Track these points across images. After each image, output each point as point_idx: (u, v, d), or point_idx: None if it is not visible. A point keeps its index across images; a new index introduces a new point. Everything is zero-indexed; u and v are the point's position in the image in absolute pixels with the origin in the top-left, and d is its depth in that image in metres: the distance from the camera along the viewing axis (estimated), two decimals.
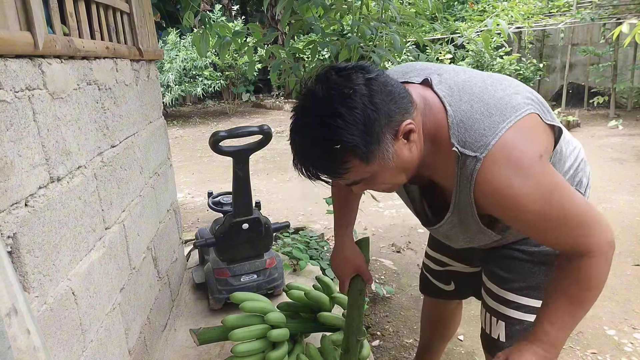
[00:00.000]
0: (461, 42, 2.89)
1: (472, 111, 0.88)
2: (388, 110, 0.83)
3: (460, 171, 0.89)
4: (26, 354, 0.65)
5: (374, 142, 0.82)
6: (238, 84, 10.93)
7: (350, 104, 0.80)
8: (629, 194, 4.06)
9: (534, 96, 0.97)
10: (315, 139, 0.83)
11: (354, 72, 0.84)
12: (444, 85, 0.94)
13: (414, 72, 1.01)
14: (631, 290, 2.51)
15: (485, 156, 0.84)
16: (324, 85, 0.83)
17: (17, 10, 0.84)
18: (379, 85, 0.83)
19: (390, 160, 0.86)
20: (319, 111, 0.82)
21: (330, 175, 0.88)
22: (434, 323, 1.64)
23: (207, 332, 1.41)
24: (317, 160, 0.85)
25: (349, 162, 0.83)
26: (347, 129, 0.79)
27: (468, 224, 1.00)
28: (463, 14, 9.64)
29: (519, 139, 0.86)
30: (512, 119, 0.87)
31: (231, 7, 13.50)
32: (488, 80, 0.96)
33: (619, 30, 3.78)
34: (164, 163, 2.03)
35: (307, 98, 0.85)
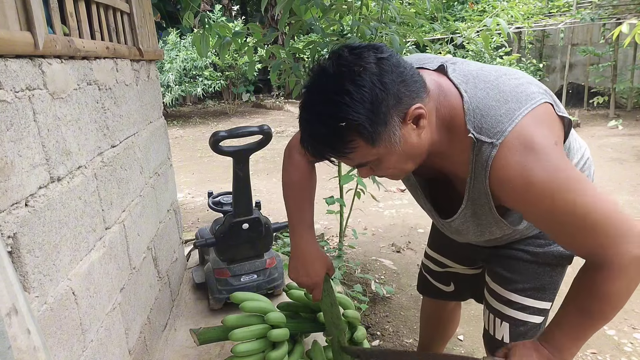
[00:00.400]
0: (461, 42, 2.89)
1: (488, 98, 0.87)
2: (397, 92, 0.81)
3: (475, 158, 0.87)
4: (26, 354, 0.65)
5: (380, 123, 0.80)
6: (238, 84, 10.93)
7: (359, 81, 0.78)
8: (629, 194, 4.06)
9: (545, 88, 0.96)
10: (321, 115, 0.82)
11: (366, 50, 0.82)
12: (459, 72, 0.93)
13: (427, 60, 1.00)
14: None
15: (501, 142, 0.83)
16: (335, 62, 0.82)
17: (17, 10, 0.84)
18: (390, 65, 0.81)
19: (397, 144, 0.84)
20: (327, 88, 0.81)
21: (335, 154, 0.87)
22: (434, 323, 1.64)
23: (207, 332, 1.41)
24: (323, 138, 0.84)
25: (354, 142, 0.82)
26: (353, 106, 0.78)
27: (482, 215, 0.98)
28: (463, 14, 9.64)
29: (535, 126, 0.84)
30: (528, 106, 0.85)
31: (231, 7, 13.51)
32: (501, 70, 0.95)
33: (618, 30, 3.78)
34: (164, 163, 2.03)
35: (318, 74, 0.84)
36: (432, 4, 2.50)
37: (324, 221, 3.58)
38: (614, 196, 3.99)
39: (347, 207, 2.63)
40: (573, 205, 0.80)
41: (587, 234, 0.81)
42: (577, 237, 0.83)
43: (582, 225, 0.80)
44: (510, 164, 0.82)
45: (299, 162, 1.17)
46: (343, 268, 2.50)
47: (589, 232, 0.80)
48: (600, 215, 0.79)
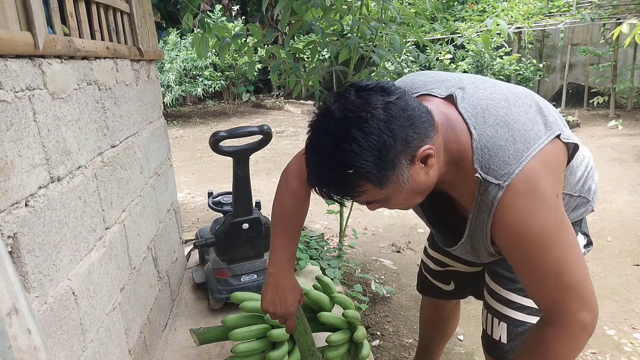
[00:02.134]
0: (461, 42, 2.89)
1: (496, 136, 0.87)
2: (405, 136, 0.80)
3: (480, 197, 0.88)
4: (27, 354, 0.65)
5: (388, 168, 0.80)
6: (238, 84, 10.93)
7: (366, 128, 0.78)
8: (629, 194, 4.06)
9: (553, 113, 0.96)
10: (329, 160, 0.81)
11: (374, 93, 0.82)
12: (468, 103, 0.92)
13: (434, 84, 0.99)
14: (631, 290, 2.52)
15: (508, 185, 0.83)
16: (342, 105, 0.81)
17: (17, 10, 0.84)
18: (398, 109, 0.81)
19: (406, 184, 0.85)
20: (334, 133, 0.80)
21: (343, 196, 0.87)
22: (433, 323, 1.64)
23: (207, 332, 1.41)
24: (330, 182, 0.84)
25: (362, 186, 0.83)
26: (361, 154, 0.78)
27: (479, 248, 1.01)
28: (463, 14, 9.64)
29: (541, 171, 0.85)
30: (536, 147, 0.86)
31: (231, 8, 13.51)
32: (511, 99, 0.94)
33: (618, 30, 3.78)
34: (164, 163, 2.03)
35: (324, 116, 0.83)
36: (432, 4, 2.49)
37: (324, 221, 3.58)
38: (614, 196, 3.99)
39: (347, 207, 2.64)
40: (556, 262, 0.84)
41: (552, 288, 0.86)
42: (547, 289, 0.87)
43: (551, 281, 0.85)
44: (515, 209, 0.84)
45: (296, 189, 1.15)
46: (343, 268, 2.50)
47: (560, 288, 0.85)
48: (575, 280, 0.85)
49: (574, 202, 1.08)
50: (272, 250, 1.18)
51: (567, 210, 1.08)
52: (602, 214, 3.61)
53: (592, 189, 1.10)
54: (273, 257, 1.18)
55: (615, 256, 2.93)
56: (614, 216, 3.56)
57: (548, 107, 0.98)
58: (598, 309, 0.87)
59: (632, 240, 3.14)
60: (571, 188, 1.04)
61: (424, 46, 2.73)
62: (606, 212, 3.66)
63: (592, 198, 1.11)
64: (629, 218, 3.52)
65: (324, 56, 7.64)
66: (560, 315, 0.86)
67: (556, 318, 0.87)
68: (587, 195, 1.09)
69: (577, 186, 1.05)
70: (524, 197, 0.83)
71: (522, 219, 0.83)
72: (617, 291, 2.51)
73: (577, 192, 1.06)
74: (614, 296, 2.46)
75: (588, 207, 1.11)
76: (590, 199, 1.10)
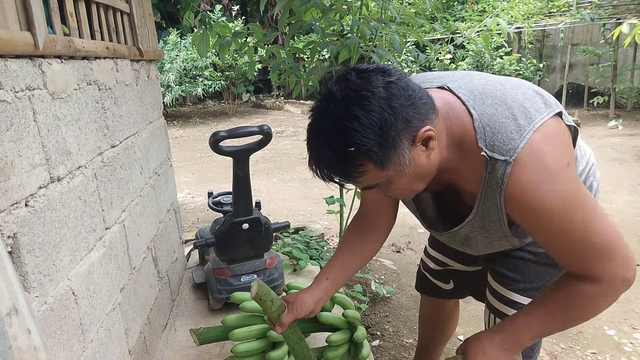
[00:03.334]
0: (461, 42, 2.89)
1: (497, 114, 0.87)
2: (406, 115, 0.81)
3: (489, 175, 0.88)
4: (27, 354, 0.65)
5: (389, 147, 0.80)
6: (238, 84, 10.93)
7: (368, 106, 0.78)
8: (629, 194, 4.06)
9: (550, 97, 0.96)
10: (330, 140, 0.82)
11: (374, 74, 0.83)
12: (464, 88, 0.93)
13: (430, 82, 1.00)
14: (631, 290, 2.50)
15: (515, 159, 0.83)
16: (343, 86, 0.82)
17: (17, 10, 0.84)
18: (399, 89, 0.82)
19: (407, 166, 0.84)
20: (335, 113, 0.81)
21: (344, 178, 0.87)
22: (433, 323, 1.64)
23: (207, 332, 1.41)
24: (332, 163, 0.84)
25: (364, 166, 0.82)
26: (362, 132, 0.78)
27: (491, 229, 0.99)
28: (463, 14, 9.65)
29: (546, 143, 0.85)
30: (538, 121, 0.86)
31: (231, 7, 13.50)
32: (507, 84, 0.95)
33: (618, 30, 3.79)
34: (164, 163, 2.03)
35: (325, 98, 0.84)
36: (432, 4, 2.49)
37: (324, 221, 3.58)
38: (614, 196, 3.99)
39: (347, 207, 2.64)
40: (582, 227, 0.84)
41: (587, 254, 0.86)
42: (579, 255, 0.87)
43: (584, 247, 0.85)
44: (525, 182, 0.83)
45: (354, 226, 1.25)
46: None
47: (589, 254, 0.85)
48: (603, 240, 0.85)
49: None
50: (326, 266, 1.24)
51: None
52: None
53: (593, 186, 1.09)
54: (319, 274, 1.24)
55: None
56: (614, 216, 3.56)
57: (547, 94, 0.97)
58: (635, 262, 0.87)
59: (632, 240, 3.13)
60: None
61: (424, 46, 2.73)
62: (606, 212, 3.66)
63: (595, 196, 1.09)
64: (629, 218, 3.52)
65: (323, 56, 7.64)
66: (598, 275, 0.86)
67: (594, 277, 0.86)
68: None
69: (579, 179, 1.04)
70: (532, 169, 0.83)
71: (535, 192, 0.83)
72: None
73: None
74: None
75: None
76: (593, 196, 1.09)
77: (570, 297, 0.91)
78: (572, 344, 2.07)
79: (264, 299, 1.17)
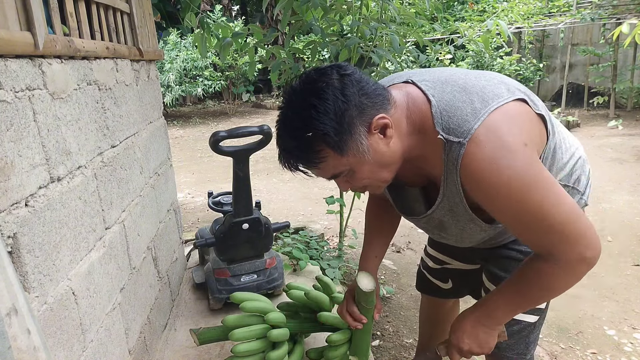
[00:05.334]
0: (461, 42, 2.89)
1: (454, 100, 0.90)
2: (359, 103, 0.86)
3: (447, 157, 0.90)
4: (26, 354, 0.65)
5: (345, 132, 0.86)
6: (238, 84, 10.93)
7: (322, 95, 0.85)
8: (628, 194, 4.06)
9: (520, 87, 0.97)
10: (291, 129, 0.89)
11: (330, 69, 0.89)
12: (428, 81, 0.97)
13: (397, 78, 1.05)
14: (631, 290, 2.52)
15: (469, 140, 0.85)
16: (302, 81, 0.90)
17: (17, 10, 0.84)
18: (352, 80, 0.88)
19: (366, 153, 0.89)
20: (295, 104, 0.89)
21: (306, 164, 0.92)
22: (433, 322, 1.64)
23: (207, 332, 1.41)
24: (294, 150, 0.90)
25: (323, 152, 0.87)
26: (318, 118, 0.84)
27: (458, 212, 1.00)
28: (463, 14, 9.65)
29: (502, 122, 0.85)
30: (494, 104, 0.87)
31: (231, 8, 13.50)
32: (472, 73, 0.98)
33: (619, 30, 3.78)
34: (164, 163, 2.03)
35: (288, 94, 0.92)
36: (432, 4, 2.49)
37: (324, 221, 3.58)
38: (614, 196, 3.99)
39: (347, 207, 2.64)
40: (539, 205, 0.84)
41: (546, 233, 0.86)
42: (537, 234, 0.88)
43: (543, 225, 0.85)
44: (478, 158, 0.84)
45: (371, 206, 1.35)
46: (343, 268, 2.50)
47: (548, 232, 0.85)
48: (563, 219, 0.84)
49: None
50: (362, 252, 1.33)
51: None
52: (602, 214, 3.61)
53: (582, 180, 1.08)
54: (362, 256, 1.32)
55: (615, 256, 2.93)
56: (614, 216, 3.56)
57: (516, 85, 0.97)
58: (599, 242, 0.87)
59: (632, 240, 3.14)
60: (555, 172, 1.02)
61: (424, 46, 2.73)
62: (606, 212, 3.66)
63: (585, 191, 1.09)
64: (629, 218, 3.52)
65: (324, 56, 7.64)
66: (555, 254, 0.87)
67: (551, 257, 0.88)
68: (576, 186, 1.07)
69: (563, 172, 1.03)
70: (485, 146, 0.84)
71: (490, 168, 0.83)
72: (617, 291, 2.51)
73: (564, 181, 1.04)
74: (614, 296, 2.46)
75: (580, 201, 1.08)
76: (582, 191, 1.08)
77: (532, 276, 0.94)
78: (572, 344, 2.07)
79: (373, 292, 1.22)
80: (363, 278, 1.22)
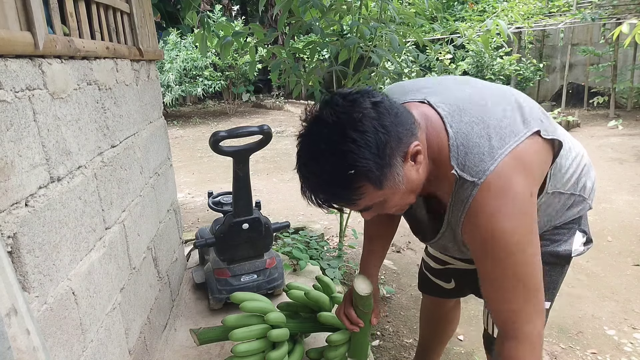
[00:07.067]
0: (461, 42, 2.89)
1: (472, 134, 0.88)
2: (397, 133, 0.82)
3: (457, 191, 0.90)
4: (26, 354, 0.65)
5: (385, 166, 0.81)
6: (238, 84, 10.93)
7: (361, 127, 0.79)
8: (628, 194, 4.06)
9: (536, 110, 0.96)
10: (327, 165, 0.81)
11: (360, 97, 0.84)
12: (445, 103, 0.94)
13: (411, 94, 1.01)
14: (631, 290, 2.51)
15: (482, 183, 0.85)
16: (332, 110, 0.82)
17: (17, 10, 0.84)
18: (386, 108, 0.83)
19: (401, 183, 0.85)
20: (330, 137, 0.80)
21: (343, 202, 0.87)
22: (433, 322, 1.64)
23: (207, 332, 1.41)
24: (330, 188, 0.84)
25: (363, 188, 0.82)
26: (360, 153, 0.78)
27: (459, 241, 1.01)
28: (463, 14, 9.64)
29: (516, 169, 0.86)
30: (511, 144, 0.87)
31: (231, 7, 13.50)
32: (488, 97, 0.95)
33: (619, 30, 3.78)
34: (164, 163, 2.03)
35: (315, 124, 0.84)
36: (432, 4, 2.49)
37: (324, 221, 3.58)
38: (614, 196, 3.99)
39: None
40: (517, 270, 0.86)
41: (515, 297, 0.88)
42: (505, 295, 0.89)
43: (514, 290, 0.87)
44: (486, 208, 0.85)
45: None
46: (343, 268, 2.50)
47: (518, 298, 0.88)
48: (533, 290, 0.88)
49: (568, 201, 1.07)
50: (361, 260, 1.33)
51: (562, 209, 1.07)
52: (602, 214, 3.61)
53: (587, 186, 1.09)
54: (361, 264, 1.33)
55: (615, 256, 2.93)
56: (614, 216, 3.56)
57: (530, 105, 0.98)
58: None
59: (632, 240, 3.14)
60: (562, 185, 1.03)
61: (424, 46, 2.73)
62: (606, 212, 3.66)
63: (589, 196, 1.10)
64: (629, 218, 3.52)
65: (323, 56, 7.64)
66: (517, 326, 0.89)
67: (513, 330, 0.90)
68: (582, 193, 1.08)
69: (569, 184, 1.04)
70: (495, 196, 0.84)
71: (491, 220, 0.85)
72: (617, 291, 2.51)
73: (570, 190, 1.05)
74: (614, 296, 2.46)
75: (585, 205, 1.10)
76: (587, 197, 1.09)
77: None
78: (572, 344, 2.07)
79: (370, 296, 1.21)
80: (360, 282, 1.22)
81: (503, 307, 0.92)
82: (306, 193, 0.87)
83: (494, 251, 0.86)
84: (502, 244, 0.85)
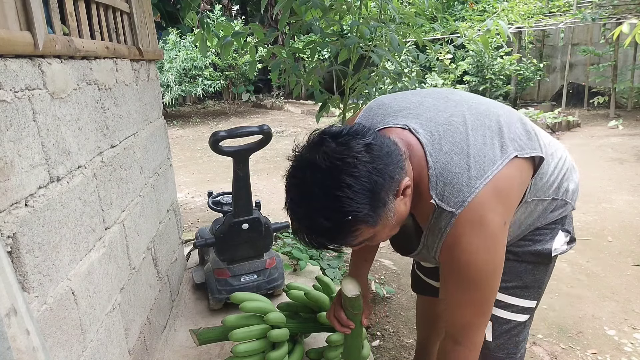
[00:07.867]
0: (461, 42, 2.89)
1: (451, 164, 0.90)
2: (390, 172, 0.83)
3: (434, 220, 0.92)
4: (26, 354, 0.65)
5: (380, 207, 0.83)
6: (238, 84, 10.93)
7: (356, 173, 0.79)
8: (628, 194, 4.06)
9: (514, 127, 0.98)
10: (322, 211, 0.81)
11: (352, 138, 0.83)
12: (425, 129, 0.95)
13: (392, 116, 1.01)
14: (631, 290, 2.51)
15: (460, 213, 0.87)
16: (324, 155, 0.81)
17: (17, 10, 0.84)
18: (378, 149, 0.84)
19: (392, 218, 0.87)
20: (324, 183, 0.80)
21: (339, 244, 0.88)
22: (430, 322, 1.64)
23: (207, 332, 1.41)
24: (327, 232, 0.83)
25: (358, 230, 0.84)
26: (356, 199, 0.79)
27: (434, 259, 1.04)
28: (463, 14, 9.65)
29: (492, 200, 0.88)
30: (489, 174, 0.89)
31: (231, 7, 13.49)
32: (469, 121, 0.96)
33: (619, 30, 3.78)
34: (164, 163, 2.03)
35: (308, 168, 0.83)
36: (432, 3, 2.49)
37: None
38: (614, 196, 3.99)
39: None
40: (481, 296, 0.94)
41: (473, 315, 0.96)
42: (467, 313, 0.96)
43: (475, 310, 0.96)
44: (463, 235, 0.88)
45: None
46: (343, 268, 2.50)
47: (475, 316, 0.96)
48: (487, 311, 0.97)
49: (550, 205, 1.09)
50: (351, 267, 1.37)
51: (544, 214, 1.09)
52: (602, 214, 3.61)
53: (569, 189, 1.10)
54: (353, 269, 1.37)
55: (615, 256, 2.93)
56: (614, 216, 3.56)
57: (509, 121, 0.99)
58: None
59: (632, 240, 3.13)
60: (543, 193, 1.05)
61: (424, 46, 2.73)
62: (606, 212, 3.66)
63: (572, 199, 1.11)
64: (629, 218, 3.52)
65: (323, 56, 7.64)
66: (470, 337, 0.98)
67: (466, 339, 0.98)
68: (564, 197, 1.09)
69: (550, 190, 1.06)
70: (472, 228, 0.87)
71: (466, 253, 0.88)
72: (617, 291, 2.51)
73: (552, 196, 1.07)
74: (614, 296, 2.46)
75: (567, 207, 1.12)
76: (569, 200, 1.11)
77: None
78: (572, 344, 2.07)
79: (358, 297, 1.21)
80: (348, 283, 1.22)
81: (461, 319, 0.98)
82: (301, 235, 0.87)
83: (465, 280, 0.91)
84: (474, 275, 0.90)
